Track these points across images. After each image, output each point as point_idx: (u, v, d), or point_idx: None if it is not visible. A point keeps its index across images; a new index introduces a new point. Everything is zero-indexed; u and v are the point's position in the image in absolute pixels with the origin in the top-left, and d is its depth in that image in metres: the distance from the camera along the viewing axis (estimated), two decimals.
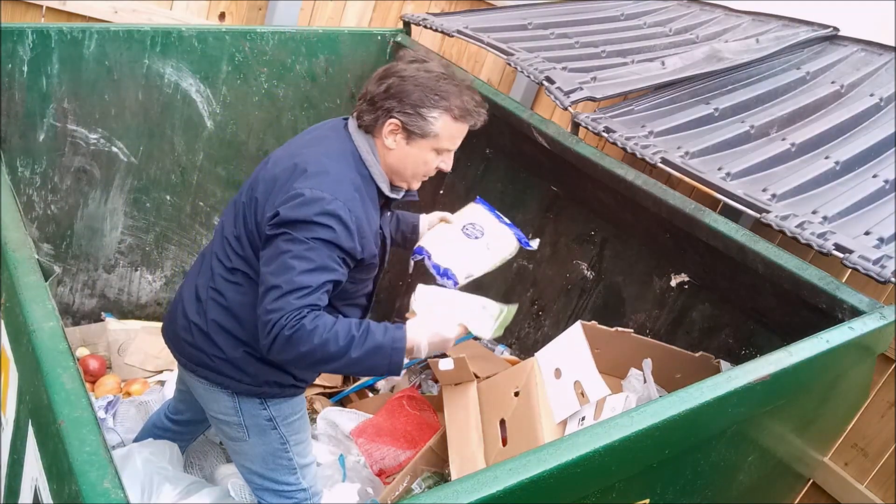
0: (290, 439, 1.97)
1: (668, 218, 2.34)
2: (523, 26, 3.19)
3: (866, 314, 1.89)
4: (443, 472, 2.49)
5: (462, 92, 1.77)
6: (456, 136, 1.81)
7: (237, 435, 1.95)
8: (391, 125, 1.76)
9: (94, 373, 2.82)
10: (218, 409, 1.92)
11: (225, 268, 1.83)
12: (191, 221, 3.03)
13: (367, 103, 1.80)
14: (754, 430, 1.91)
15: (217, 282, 1.84)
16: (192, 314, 1.87)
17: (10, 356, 1.52)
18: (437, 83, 1.75)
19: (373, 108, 1.78)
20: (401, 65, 1.80)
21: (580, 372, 2.16)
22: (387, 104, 1.75)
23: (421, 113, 1.74)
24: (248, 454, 1.98)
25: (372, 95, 1.78)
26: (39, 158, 2.56)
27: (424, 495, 1.20)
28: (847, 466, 2.80)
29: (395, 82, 1.75)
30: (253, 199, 1.78)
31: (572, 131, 2.56)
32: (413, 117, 1.74)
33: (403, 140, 1.78)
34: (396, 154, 1.79)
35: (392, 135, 1.77)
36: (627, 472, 1.52)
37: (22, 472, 1.43)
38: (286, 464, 1.99)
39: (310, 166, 1.72)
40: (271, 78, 2.88)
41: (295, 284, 1.61)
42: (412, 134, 1.76)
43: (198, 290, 1.88)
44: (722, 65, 2.83)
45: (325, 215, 1.64)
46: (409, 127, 1.75)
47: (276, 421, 1.93)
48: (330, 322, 1.62)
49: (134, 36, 2.53)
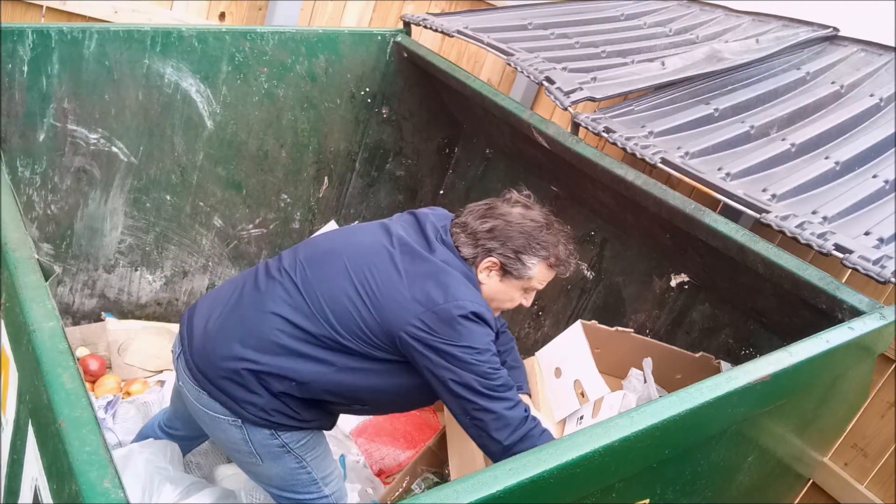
0: (306, 457, 1.94)
1: (668, 218, 2.34)
2: (523, 26, 3.19)
3: (866, 314, 1.89)
4: (442, 472, 2.49)
5: (559, 242, 1.89)
6: (546, 279, 1.92)
7: (250, 461, 1.91)
8: (489, 262, 1.85)
9: (94, 373, 2.82)
10: (226, 438, 1.89)
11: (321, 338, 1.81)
12: (191, 221, 3.03)
13: (466, 235, 1.88)
14: (754, 430, 1.91)
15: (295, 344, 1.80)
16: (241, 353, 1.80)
17: (10, 356, 1.52)
18: (539, 233, 1.86)
19: (474, 243, 1.86)
20: (506, 207, 1.92)
21: (580, 371, 2.16)
22: (489, 244, 1.85)
23: (521, 259, 1.85)
24: (264, 475, 1.96)
25: (474, 231, 1.87)
26: (39, 158, 2.56)
27: (424, 495, 1.20)
28: (847, 467, 2.80)
29: (500, 225, 1.86)
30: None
31: (572, 131, 2.56)
32: (513, 261, 1.85)
33: (497, 277, 1.87)
34: (488, 288, 1.88)
35: (488, 271, 1.86)
36: (627, 473, 1.51)
37: (22, 471, 1.43)
38: (305, 478, 1.96)
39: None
40: (271, 78, 2.88)
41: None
42: (508, 274, 1.86)
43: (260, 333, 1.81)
44: (722, 65, 2.83)
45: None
46: (507, 268, 1.85)
47: (290, 445, 1.89)
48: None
49: (134, 36, 2.53)
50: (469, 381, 1.71)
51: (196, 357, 1.85)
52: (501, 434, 1.73)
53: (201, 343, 1.85)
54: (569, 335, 2.27)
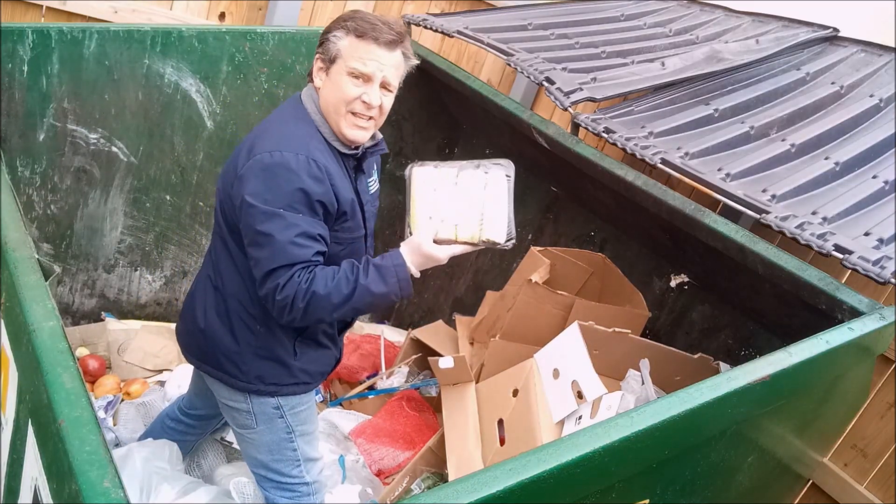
0: (296, 429, 2.00)
1: (667, 218, 2.34)
2: (523, 27, 3.19)
3: (866, 315, 1.89)
4: (442, 472, 2.49)
5: (366, 16, 1.79)
6: (361, 55, 1.76)
7: (246, 422, 1.98)
8: (316, 63, 1.82)
9: (94, 373, 2.82)
10: (228, 396, 1.95)
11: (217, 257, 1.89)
12: (191, 221, 3.03)
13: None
14: (754, 430, 1.91)
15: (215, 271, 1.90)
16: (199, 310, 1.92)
17: (10, 356, 1.52)
18: (348, 14, 1.80)
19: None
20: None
21: (578, 372, 2.16)
22: (316, 49, 1.83)
23: (328, 38, 1.78)
24: (255, 442, 2.01)
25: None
26: (39, 158, 2.56)
27: (424, 495, 1.20)
28: (846, 467, 2.80)
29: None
30: (224, 187, 1.84)
31: (572, 132, 2.56)
32: (324, 45, 1.80)
33: (324, 74, 1.81)
34: (323, 92, 1.81)
35: (319, 73, 1.82)
36: (627, 473, 1.52)
37: (22, 471, 1.43)
38: (291, 454, 2.01)
39: (268, 133, 1.77)
40: (271, 78, 2.88)
41: (288, 256, 1.67)
42: (326, 63, 1.80)
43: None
44: (722, 65, 2.83)
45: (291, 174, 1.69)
46: (322, 57, 1.80)
47: (284, 409, 1.96)
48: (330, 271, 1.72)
49: (134, 36, 2.53)
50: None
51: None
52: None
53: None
54: (566, 336, 2.28)
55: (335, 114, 1.79)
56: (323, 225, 1.74)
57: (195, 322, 1.92)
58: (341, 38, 1.76)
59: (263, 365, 1.89)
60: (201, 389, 2.18)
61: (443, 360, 2.51)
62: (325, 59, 1.79)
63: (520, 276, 2.68)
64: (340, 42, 1.76)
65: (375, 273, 1.72)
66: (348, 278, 1.70)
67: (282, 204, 1.67)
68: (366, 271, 1.72)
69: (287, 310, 1.69)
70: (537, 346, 2.39)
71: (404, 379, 2.95)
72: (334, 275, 1.70)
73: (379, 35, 1.75)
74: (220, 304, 1.87)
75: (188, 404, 2.30)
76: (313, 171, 1.70)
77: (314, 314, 1.71)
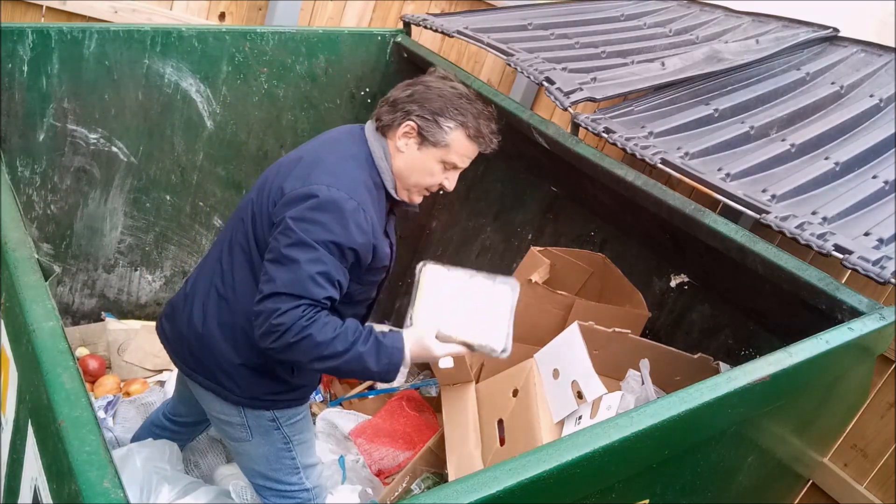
0: (293, 439, 1.98)
1: (667, 218, 2.34)
2: (523, 27, 3.19)
3: (866, 315, 1.89)
4: (442, 472, 2.49)
5: (480, 115, 1.82)
6: (465, 153, 1.84)
7: (240, 435, 1.95)
8: (407, 126, 1.80)
9: (94, 373, 2.82)
10: (220, 409, 1.92)
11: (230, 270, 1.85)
12: (191, 221, 3.03)
13: (388, 105, 1.84)
14: (754, 430, 1.91)
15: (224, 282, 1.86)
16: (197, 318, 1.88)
17: (10, 356, 1.52)
18: (459, 100, 1.80)
19: (393, 109, 1.82)
20: (430, 77, 1.87)
21: (578, 372, 2.16)
22: (407, 107, 1.80)
23: (438, 121, 1.78)
24: (251, 454, 1.98)
25: (395, 98, 1.83)
26: (39, 158, 2.56)
27: (424, 495, 1.20)
28: (846, 467, 2.80)
29: (420, 89, 1.81)
30: (261, 201, 1.80)
31: (572, 132, 2.56)
32: (430, 123, 1.78)
33: (415, 144, 1.81)
34: (405, 158, 1.82)
35: (406, 137, 1.81)
36: (627, 473, 1.52)
37: (21, 471, 1.43)
38: (289, 463, 1.99)
39: (325, 164, 1.75)
40: (271, 78, 2.88)
41: (303, 288, 1.64)
42: (425, 140, 1.80)
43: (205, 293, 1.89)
44: (722, 65, 2.83)
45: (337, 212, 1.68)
46: (423, 132, 1.79)
47: (280, 421, 1.93)
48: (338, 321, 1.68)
49: (134, 36, 2.53)
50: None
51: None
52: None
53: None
54: (566, 336, 2.28)
55: (411, 184, 1.84)
56: (346, 273, 1.72)
57: (191, 327, 1.87)
58: (453, 129, 1.79)
59: (261, 381, 1.86)
60: (186, 397, 2.14)
61: (443, 360, 2.50)
62: (424, 135, 1.79)
63: (520, 276, 2.68)
64: (450, 135, 1.79)
65: (374, 347, 1.70)
66: (347, 338, 1.67)
67: (320, 239, 1.65)
68: (366, 341, 1.69)
69: (274, 336, 1.64)
70: (537, 346, 2.39)
71: (404, 379, 2.95)
72: (336, 328, 1.66)
73: (488, 147, 1.84)
74: (226, 317, 1.83)
75: (173, 411, 2.27)
76: (360, 221, 1.70)
77: (296, 353, 1.66)
